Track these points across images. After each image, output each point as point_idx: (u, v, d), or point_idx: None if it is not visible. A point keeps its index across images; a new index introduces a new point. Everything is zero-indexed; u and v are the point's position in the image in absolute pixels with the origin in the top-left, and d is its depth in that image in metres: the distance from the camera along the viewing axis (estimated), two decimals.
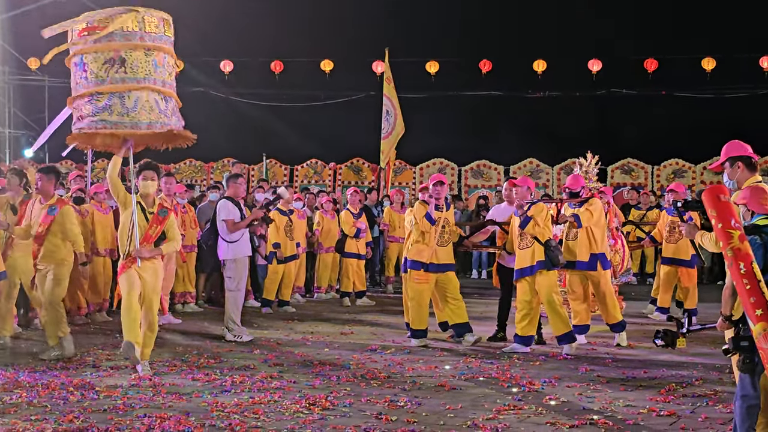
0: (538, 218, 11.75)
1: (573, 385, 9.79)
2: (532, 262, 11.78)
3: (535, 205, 11.91)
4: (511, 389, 9.60)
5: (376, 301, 18.03)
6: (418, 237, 12.39)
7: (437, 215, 12.35)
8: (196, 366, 10.89)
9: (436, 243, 12.36)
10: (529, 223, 11.75)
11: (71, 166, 27.27)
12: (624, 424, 8.06)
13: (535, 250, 11.77)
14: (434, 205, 12.36)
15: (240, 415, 8.34)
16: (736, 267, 4.85)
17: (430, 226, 12.29)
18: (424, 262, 12.32)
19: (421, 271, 12.33)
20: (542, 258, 11.74)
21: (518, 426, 7.99)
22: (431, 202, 12.38)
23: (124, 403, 8.77)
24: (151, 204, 10.42)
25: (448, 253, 12.53)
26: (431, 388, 9.67)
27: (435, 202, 12.39)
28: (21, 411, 8.50)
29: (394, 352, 12.01)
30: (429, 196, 12.47)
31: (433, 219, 12.29)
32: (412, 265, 12.41)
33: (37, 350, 11.98)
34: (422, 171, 27.56)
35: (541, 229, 11.76)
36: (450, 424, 8.07)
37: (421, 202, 12.52)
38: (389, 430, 7.77)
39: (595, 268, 12.41)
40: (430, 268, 12.32)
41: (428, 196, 12.50)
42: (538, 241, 11.73)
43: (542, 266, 11.74)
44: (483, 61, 28.07)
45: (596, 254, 12.40)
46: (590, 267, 12.41)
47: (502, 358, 11.49)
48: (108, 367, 10.83)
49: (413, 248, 12.41)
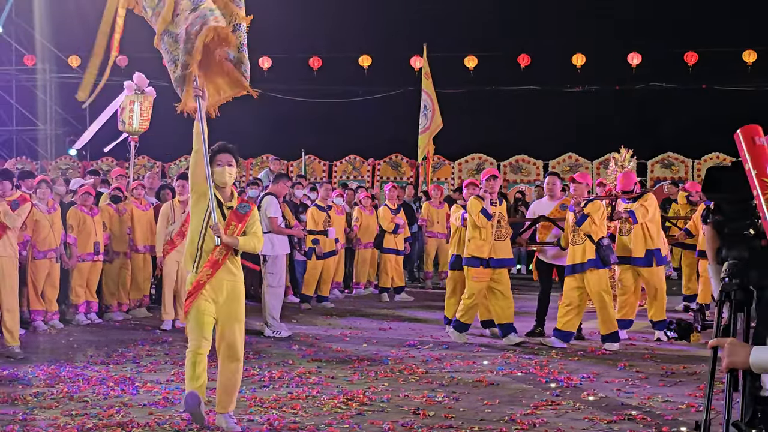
0: (595, 216, 11.67)
1: (611, 381, 9.76)
2: (583, 260, 11.71)
3: (592, 202, 11.81)
4: (549, 385, 9.59)
5: (415, 297, 18.02)
6: (474, 233, 12.27)
7: (492, 210, 12.28)
8: None
9: (494, 238, 12.31)
10: (585, 221, 11.67)
11: (112, 163, 27.51)
12: (662, 419, 8.03)
13: (586, 247, 11.70)
14: (489, 200, 12.31)
15: (278, 410, 8.38)
16: None
17: (486, 222, 12.20)
18: (483, 258, 12.25)
19: (480, 268, 12.22)
20: (593, 256, 11.66)
21: (556, 421, 7.98)
22: (486, 197, 12.31)
23: (164, 398, 8.85)
24: (228, 197, 8.10)
25: (506, 248, 12.44)
26: (469, 383, 9.68)
27: (489, 196, 12.32)
28: (62, 406, 8.60)
29: (432, 347, 12.02)
30: (483, 191, 12.39)
31: (490, 214, 12.22)
32: (470, 262, 12.30)
33: (79, 346, 12.14)
34: (461, 166, 27.52)
35: (597, 227, 11.69)
36: (487, 419, 8.07)
37: (476, 197, 12.40)
38: (427, 425, 7.78)
39: (651, 264, 12.32)
40: (491, 263, 12.27)
41: (482, 190, 12.43)
42: (590, 239, 11.66)
43: (592, 264, 11.68)
44: (522, 56, 27.99)
45: (651, 250, 12.30)
46: (646, 263, 12.32)
47: (540, 354, 11.48)
48: (148, 362, 10.92)
49: (471, 245, 12.29)
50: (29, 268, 13.33)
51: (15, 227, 11.66)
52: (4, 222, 11.48)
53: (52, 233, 13.44)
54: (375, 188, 25.24)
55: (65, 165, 28.79)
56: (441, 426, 7.75)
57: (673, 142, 26.38)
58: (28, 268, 13.31)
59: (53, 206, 13.65)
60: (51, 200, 13.71)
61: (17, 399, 8.85)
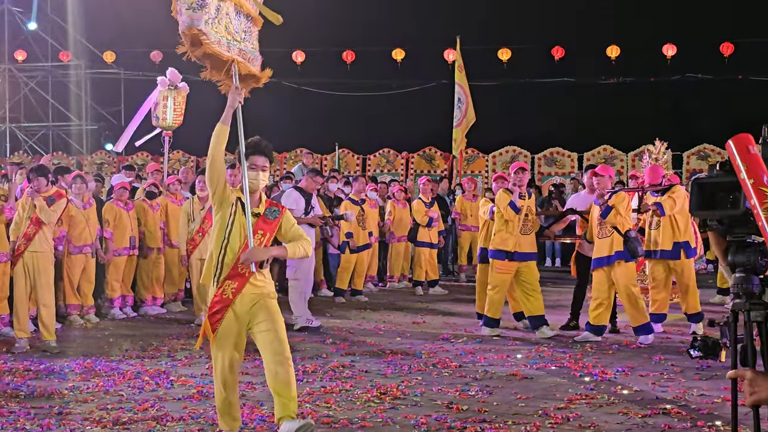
0: (620, 208, 11.59)
1: (646, 374, 9.71)
2: (610, 252, 11.64)
3: (617, 194, 11.74)
4: (584, 378, 9.55)
5: (449, 290, 18.02)
6: (501, 226, 12.29)
7: (520, 203, 12.26)
8: None
9: (520, 231, 12.30)
10: (610, 213, 11.60)
11: (147, 158, 27.63)
12: (697, 413, 7.97)
13: (614, 240, 11.62)
14: (518, 194, 12.29)
15: (312, 404, 8.40)
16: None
17: (514, 215, 12.19)
18: (508, 251, 12.24)
19: (504, 260, 12.24)
20: (620, 248, 11.58)
21: (590, 415, 7.94)
22: (515, 190, 12.29)
23: (198, 392, 8.89)
24: (256, 202, 7.14)
25: (531, 242, 12.43)
26: (503, 377, 9.66)
27: (518, 190, 12.30)
28: (97, 399, 8.66)
29: (466, 341, 12.01)
30: (512, 184, 12.37)
31: (518, 207, 12.20)
32: (495, 254, 12.32)
33: (114, 340, 12.24)
34: (495, 159, 27.43)
35: (622, 218, 11.61)
36: (521, 413, 8.05)
37: (505, 190, 12.39)
38: (460, 419, 7.77)
39: (679, 257, 12.23)
40: (515, 257, 12.25)
41: (511, 184, 12.41)
42: (617, 231, 11.59)
43: (620, 257, 11.60)
44: (556, 48, 27.89)
45: (679, 243, 12.21)
46: (673, 256, 12.23)
47: (574, 347, 11.43)
48: (183, 356, 10.99)
49: (496, 237, 12.32)
50: (65, 263, 13.46)
51: (51, 223, 11.76)
52: (40, 217, 11.59)
53: (87, 228, 13.56)
54: (409, 181, 25.19)
55: (100, 160, 28.97)
56: (474, 420, 7.74)
57: (709, 134, 26.14)
58: (63, 263, 13.44)
59: (89, 201, 13.76)
60: (86, 195, 13.82)
61: (53, 393, 8.94)
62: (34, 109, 32.88)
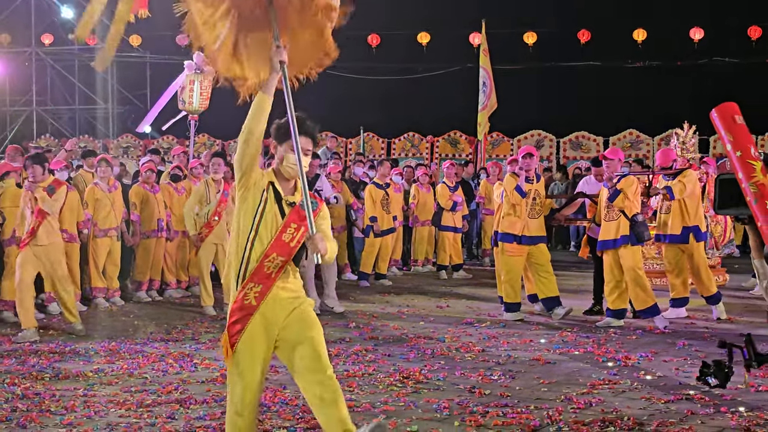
0: (628, 191, 11.52)
1: (670, 360, 9.68)
2: (616, 236, 11.59)
3: (625, 178, 11.69)
4: (607, 363, 9.53)
5: (473, 274, 18.00)
6: (509, 210, 12.30)
7: (528, 187, 12.22)
8: None
9: (527, 215, 12.27)
10: (618, 197, 11.55)
11: (173, 141, 27.71)
12: (721, 399, 7.93)
13: (620, 223, 11.56)
14: (524, 177, 12.25)
15: None
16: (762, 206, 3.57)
17: (520, 199, 12.19)
18: (516, 234, 12.24)
19: (513, 243, 12.25)
20: (626, 233, 11.51)
21: (612, 401, 7.93)
22: (521, 174, 12.28)
23: (222, 375, 8.91)
24: (291, 190, 5.96)
25: (539, 225, 12.41)
26: (525, 362, 9.66)
27: (525, 174, 12.28)
28: (122, 382, 8.73)
29: (489, 325, 12.00)
30: (519, 168, 12.36)
31: (524, 191, 12.18)
32: (504, 237, 12.34)
33: (139, 322, 12.32)
34: (519, 143, 27.30)
35: (630, 203, 11.54)
36: (543, 398, 8.04)
37: (512, 174, 12.43)
38: (482, 404, 7.77)
39: (687, 241, 12.21)
40: (523, 240, 12.24)
41: (518, 168, 12.39)
42: (624, 215, 11.54)
43: (626, 241, 11.54)
44: (582, 31, 27.77)
45: (689, 227, 12.18)
46: (682, 240, 12.21)
47: (598, 332, 11.41)
48: (207, 339, 11.05)
49: (505, 221, 12.34)
50: (90, 246, 13.53)
51: (54, 212, 11.59)
52: (43, 209, 11.38)
53: (113, 212, 13.64)
54: (433, 166, 25.17)
55: (126, 143, 29.08)
56: (496, 405, 7.74)
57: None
58: (89, 246, 13.51)
59: (114, 185, 13.83)
60: (112, 179, 13.88)
61: (78, 375, 9.01)
62: (61, 93, 33.02)
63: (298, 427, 7.15)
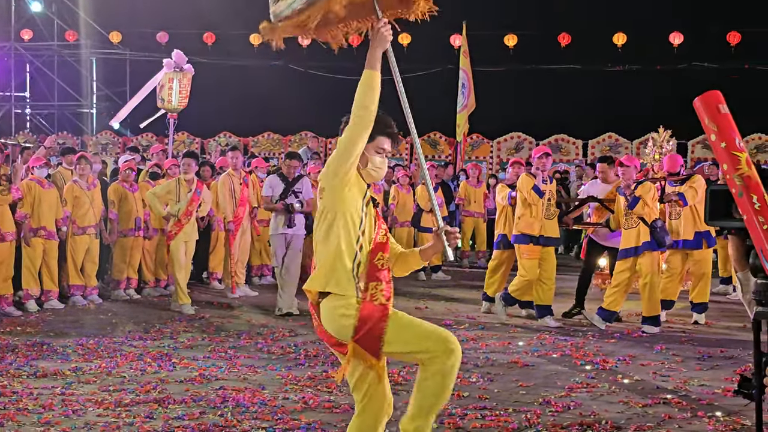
0: (647, 198, 11.51)
1: (647, 364, 9.72)
2: (638, 243, 11.57)
3: (643, 185, 11.65)
4: (585, 367, 9.56)
5: (452, 276, 18.02)
6: (524, 210, 12.19)
7: (543, 188, 12.21)
8: (272, 339, 11.02)
9: (544, 216, 12.26)
10: (638, 204, 11.54)
11: (152, 139, 27.62)
12: (698, 403, 7.99)
13: (640, 230, 11.55)
14: (541, 178, 12.24)
15: (313, 389, 8.43)
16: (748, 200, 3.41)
17: (538, 199, 12.11)
18: (533, 235, 12.16)
19: (530, 245, 12.17)
20: (647, 239, 11.52)
21: (590, 404, 7.96)
22: (538, 174, 12.24)
23: (200, 375, 8.92)
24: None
25: (554, 227, 12.36)
26: (504, 364, 9.67)
27: (542, 174, 12.24)
28: (100, 381, 8.69)
29: (468, 327, 12.00)
30: (535, 168, 12.30)
31: (542, 191, 12.15)
32: (520, 239, 12.23)
33: (117, 321, 12.28)
34: (499, 145, 27.43)
35: (649, 209, 11.54)
36: (522, 401, 8.06)
37: (528, 174, 12.31)
38: (461, 406, 7.78)
39: (701, 246, 12.22)
40: (540, 241, 12.19)
41: (534, 168, 12.34)
42: (644, 222, 11.54)
43: (648, 247, 11.53)
44: (562, 35, 27.84)
45: (701, 232, 12.18)
46: (695, 245, 12.20)
47: (576, 335, 11.45)
48: (185, 338, 11.02)
49: (521, 222, 12.22)
50: (69, 243, 13.49)
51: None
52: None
53: (92, 209, 13.61)
54: (413, 166, 25.18)
55: (105, 141, 28.98)
56: (475, 407, 7.75)
57: None
58: (68, 243, 13.48)
59: (93, 182, 13.79)
60: (91, 176, 13.84)
61: (56, 373, 8.96)
62: (39, 89, 32.87)
63: (277, 427, 7.13)
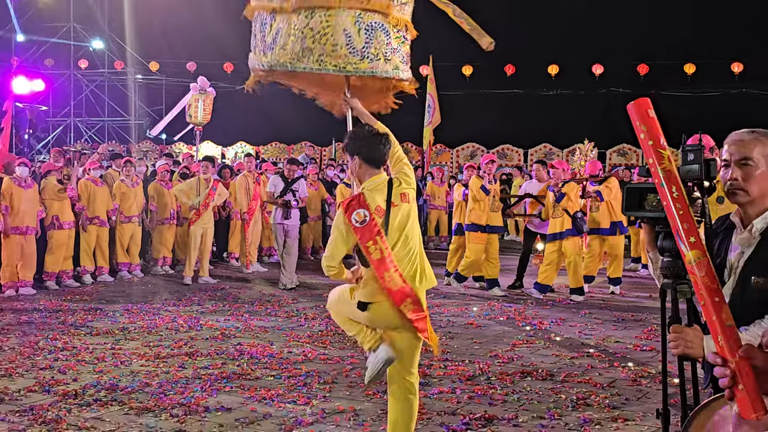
0: (571, 194, 11.66)
1: (574, 325, 9.76)
2: (562, 229, 11.68)
3: (568, 183, 11.78)
4: (525, 328, 9.59)
5: None
6: (474, 205, 12.24)
7: (489, 187, 12.27)
8: (278, 305, 11.01)
9: (489, 209, 12.31)
10: (563, 199, 11.65)
11: (183, 146, 27.47)
12: (614, 356, 8.04)
13: (564, 219, 11.69)
14: (487, 179, 12.30)
15: (311, 344, 8.43)
16: (668, 189, 3.14)
17: (485, 196, 12.15)
18: (481, 224, 12.21)
19: (478, 232, 12.23)
20: (570, 227, 11.66)
21: (530, 357, 7.99)
22: (485, 176, 12.32)
23: (222, 333, 8.91)
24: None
25: (498, 218, 12.40)
26: (461, 325, 9.70)
27: (488, 176, 12.32)
28: (142, 338, 8.68)
29: (433, 296, 11.97)
30: (483, 172, 12.36)
31: (488, 190, 12.22)
32: (471, 228, 12.26)
33: (155, 291, 12.22)
34: (458, 153, 27.43)
35: (572, 203, 11.68)
36: (476, 354, 8.09)
37: (477, 176, 12.39)
38: (427, 358, 7.76)
39: (615, 233, 12.32)
40: (486, 229, 12.25)
41: (482, 172, 12.41)
42: (567, 213, 11.66)
43: (570, 233, 11.66)
44: (508, 65, 27.88)
45: (615, 222, 12.29)
46: (611, 232, 12.29)
47: (518, 303, 11.47)
48: (210, 305, 11.00)
49: (471, 214, 12.25)
50: (117, 230, 13.44)
51: None
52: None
53: (135, 203, 13.56)
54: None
55: (146, 148, 28.82)
56: (439, 359, 7.76)
57: (628, 136, 26.16)
58: (116, 229, 13.43)
59: (136, 181, 13.74)
60: (135, 176, 13.79)
61: (107, 332, 8.95)
62: (93, 107, 32.79)
63: (283, 375, 7.14)
